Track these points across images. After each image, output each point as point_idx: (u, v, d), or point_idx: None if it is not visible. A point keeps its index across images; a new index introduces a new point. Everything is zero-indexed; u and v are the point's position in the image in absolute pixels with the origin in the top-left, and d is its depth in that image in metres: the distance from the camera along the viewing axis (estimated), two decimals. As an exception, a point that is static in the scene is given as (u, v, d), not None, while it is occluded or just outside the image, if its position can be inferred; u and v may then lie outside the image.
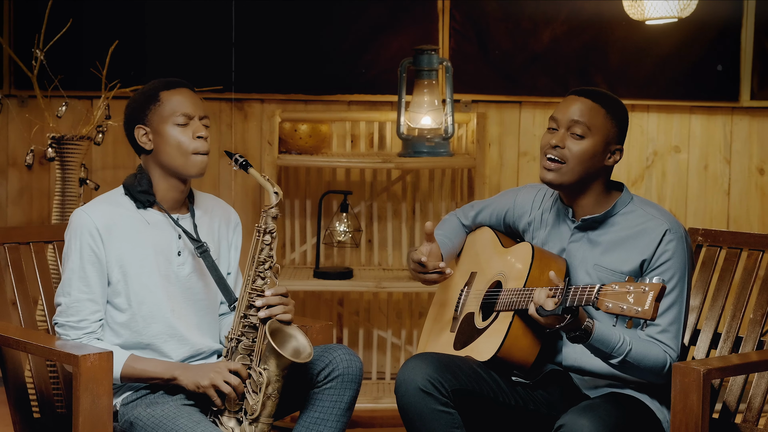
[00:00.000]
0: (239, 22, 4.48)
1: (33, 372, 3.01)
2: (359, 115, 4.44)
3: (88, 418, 2.55)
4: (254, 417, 2.69)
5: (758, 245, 3.09)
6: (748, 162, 4.64)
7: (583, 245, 2.87)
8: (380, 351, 4.54)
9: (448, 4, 4.50)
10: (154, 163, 2.82)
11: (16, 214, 4.59)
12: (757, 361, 2.76)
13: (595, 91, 2.86)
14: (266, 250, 2.76)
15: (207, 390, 2.69)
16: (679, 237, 2.79)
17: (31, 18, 4.27)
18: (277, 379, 2.70)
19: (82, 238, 2.76)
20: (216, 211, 2.95)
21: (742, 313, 3.06)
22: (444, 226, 3.20)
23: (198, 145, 2.78)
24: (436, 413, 2.72)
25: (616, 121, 2.84)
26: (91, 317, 2.77)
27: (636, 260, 2.79)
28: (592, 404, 2.68)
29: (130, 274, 2.78)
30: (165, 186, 2.83)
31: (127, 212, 2.81)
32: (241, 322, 2.75)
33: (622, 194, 2.87)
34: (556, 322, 2.62)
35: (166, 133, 2.78)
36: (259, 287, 2.75)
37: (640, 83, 4.57)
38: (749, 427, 2.92)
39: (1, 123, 4.54)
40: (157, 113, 2.79)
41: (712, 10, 4.43)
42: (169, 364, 2.77)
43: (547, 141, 2.84)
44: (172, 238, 2.84)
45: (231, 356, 2.75)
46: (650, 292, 2.46)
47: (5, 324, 2.95)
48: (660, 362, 2.72)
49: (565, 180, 2.82)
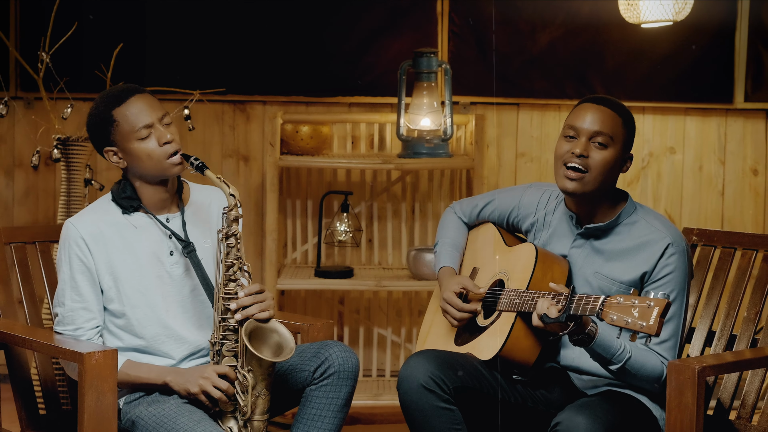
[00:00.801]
0: (241, 25, 4.48)
1: (39, 369, 3.01)
2: (360, 117, 4.44)
3: (93, 414, 2.55)
4: (246, 417, 2.69)
5: (752, 245, 3.09)
6: (742, 163, 4.64)
7: (585, 252, 2.86)
8: (380, 349, 4.54)
9: (447, 7, 4.50)
10: (132, 175, 2.81)
11: (23, 214, 4.59)
12: (750, 359, 2.77)
13: (611, 100, 2.83)
14: (233, 253, 2.73)
15: (198, 396, 2.69)
16: (681, 251, 2.77)
17: (36, 21, 4.27)
18: (263, 378, 2.68)
19: (70, 250, 2.76)
20: (213, 201, 2.92)
21: (736, 312, 3.06)
22: (448, 232, 3.16)
23: (166, 149, 2.75)
24: (437, 410, 2.72)
25: (631, 129, 2.82)
26: (86, 325, 2.77)
27: (637, 272, 2.77)
28: (589, 402, 2.67)
29: (121, 280, 2.78)
30: (149, 192, 2.81)
31: (114, 219, 2.80)
32: (220, 326, 2.73)
33: (627, 204, 2.85)
34: (559, 329, 2.61)
35: (134, 149, 2.74)
36: (231, 290, 2.72)
37: (636, 85, 4.57)
38: (743, 423, 2.92)
39: (7, 125, 4.54)
40: (117, 134, 2.75)
41: (707, 14, 4.43)
42: (161, 369, 2.76)
43: (568, 149, 2.78)
44: (162, 239, 2.82)
45: (218, 359, 2.74)
46: (655, 307, 2.44)
47: (11, 322, 2.96)
48: (657, 372, 2.71)
49: (587, 189, 2.78)
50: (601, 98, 2.83)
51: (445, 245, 3.12)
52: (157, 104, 2.79)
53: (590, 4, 4.49)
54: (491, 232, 3.10)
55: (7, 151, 4.59)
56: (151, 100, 2.78)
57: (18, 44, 4.40)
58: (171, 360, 2.82)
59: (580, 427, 2.54)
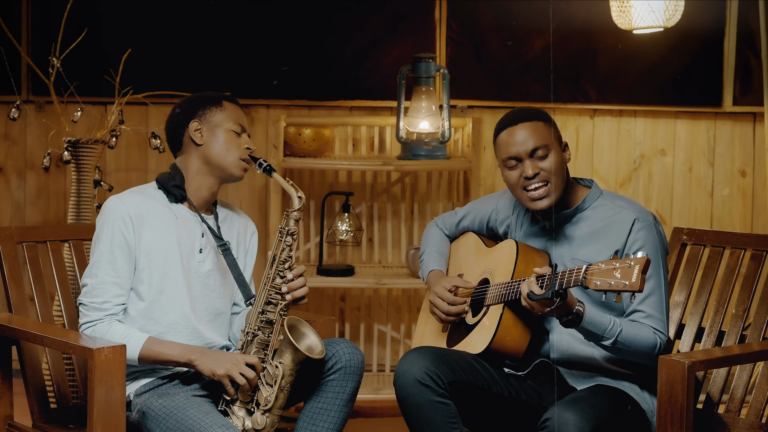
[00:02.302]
0: (246, 32, 4.48)
1: (50, 364, 3.01)
2: (360, 120, 4.44)
3: (102, 408, 2.56)
4: (267, 408, 2.71)
5: (740, 244, 3.09)
6: (730, 165, 4.64)
7: (559, 241, 2.88)
8: (380, 344, 4.55)
9: (445, 14, 4.50)
10: (197, 158, 2.85)
11: (34, 214, 4.60)
12: (738, 354, 2.77)
13: (521, 112, 2.85)
14: (287, 251, 2.78)
15: (222, 379, 2.69)
16: (648, 224, 2.78)
17: (47, 27, 4.27)
18: (290, 373, 2.72)
19: (114, 224, 2.77)
20: (236, 219, 2.98)
21: (724, 309, 3.06)
22: (433, 241, 3.20)
23: (244, 153, 2.85)
24: (433, 404, 2.72)
25: (551, 123, 2.86)
26: (114, 300, 2.76)
27: (609, 251, 2.78)
28: (578, 398, 2.67)
29: (154, 263, 2.79)
30: (198, 184, 2.85)
31: (158, 204, 2.83)
32: (258, 318, 2.76)
33: (591, 189, 2.88)
34: (546, 306, 2.61)
35: (223, 134, 2.84)
36: (278, 285, 2.76)
37: (628, 89, 4.57)
38: (732, 416, 2.92)
39: (19, 128, 4.55)
40: (217, 114, 2.85)
41: (697, 20, 4.43)
42: (186, 347, 2.76)
43: (518, 175, 2.80)
44: (196, 235, 2.85)
45: (246, 349, 2.75)
46: (636, 265, 2.47)
47: (23, 319, 2.96)
48: (650, 343, 2.71)
49: (556, 195, 2.81)
50: (515, 116, 2.84)
51: (431, 253, 3.16)
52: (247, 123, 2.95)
53: (583, 11, 4.49)
54: (472, 239, 3.13)
55: (19, 153, 4.59)
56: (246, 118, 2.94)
57: (30, 50, 4.40)
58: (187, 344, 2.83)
59: (569, 423, 2.54)
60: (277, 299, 2.76)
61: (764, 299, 2.98)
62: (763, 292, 3.00)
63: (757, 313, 2.99)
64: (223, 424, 2.58)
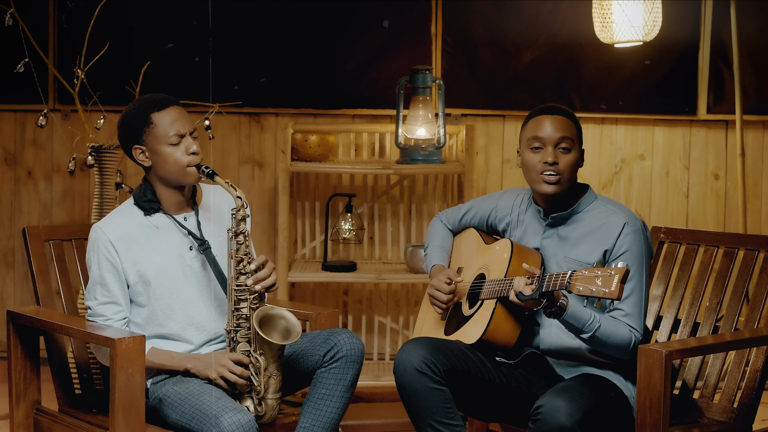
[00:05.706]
0: (255, 46, 4.48)
1: (75, 353, 3.01)
2: (362, 127, 4.44)
3: (123, 393, 2.56)
4: (261, 396, 2.70)
5: (713, 242, 3.09)
6: (704, 168, 4.64)
7: (554, 241, 2.87)
8: (381, 335, 4.54)
9: (441, 29, 4.50)
10: (154, 175, 2.81)
11: (60, 214, 4.60)
12: (712, 344, 2.77)
13: (560, 108, 2.87)
14: (242, 249, 2.75)
15: (217, 381, 2.71)
16: (636, 229, 2.78)
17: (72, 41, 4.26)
18: (273, 360, 2.70)
19: (99, 252, 2.77)
20: (216, 205, 2.92)
21: (699, 302, 3.06)
22: (437, 236, 3.18)
23: (191, 159, 2.76)
24: (430, 390, 2.72)
25: (580, 128, 2.87)
26: (115, 317, 2.78)
27: (599, 251, 2.79)
28: (567, 386, 2.67)
29: (147, 275, 2.78)
30: (167, 193, 2.82)
31: (137, 221, 2.81)
32: (234, 315, 2.74)
33: (587, 194, 2.88)
34: (534, 305, 2.64)
35: (162, 152, 2.75)
36: (242, 282, 2.74)
37: (610, 99, 4.57)
38: (706, 401, 2.92)
39: (46, 134, 4.55)
40: (151, 135, 2.75)
41: (673, 35, 4.43)
42: (181, 357, 2.77)
43: (539, 159, 2.80)
44: (181, 237, 2.83)
45: (233, 346, 2.75)
46: (616, 275, 2.48)
47: (50, 311, 2.96)
48: (626, 340, 2.72)
49: (563, 189, 2.81)
50: (552, 108, 2.86)
51: (434, 248, 3.15)
52: (189, 119, 2.80)
53: (568, 26, 4.49)
54: (473, 235, 3.12)
55: (46, 158, 4.59)
56: (185, 114, 2.80)
57: (56, 62, 4.41)
58: (190, 345, 2.83)
59: (560, 409, 2.54)
60: (245, 295, 2.74)
61: (735, 293, 2.98)
62: (734, 286, 3.00)
63: (729, 305, 2.99)
64: (235, 407, 2.58)
